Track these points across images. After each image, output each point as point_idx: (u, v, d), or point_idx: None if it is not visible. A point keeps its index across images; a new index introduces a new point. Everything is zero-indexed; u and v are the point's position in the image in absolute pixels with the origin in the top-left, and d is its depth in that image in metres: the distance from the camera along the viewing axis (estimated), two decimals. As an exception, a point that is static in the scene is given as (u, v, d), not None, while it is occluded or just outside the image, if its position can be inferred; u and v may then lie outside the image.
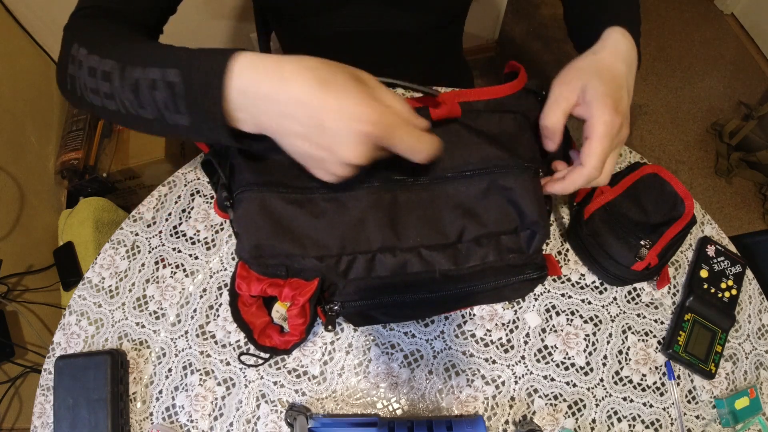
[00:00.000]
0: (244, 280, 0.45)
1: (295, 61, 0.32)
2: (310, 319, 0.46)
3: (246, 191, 0.43)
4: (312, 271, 0.44)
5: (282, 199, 0.42)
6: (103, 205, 1.11)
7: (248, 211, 0.43)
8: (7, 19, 1.15)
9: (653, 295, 0.62)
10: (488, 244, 0.44)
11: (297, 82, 0.31)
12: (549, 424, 0.55)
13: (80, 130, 1.22)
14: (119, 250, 0.62)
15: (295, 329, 0.47)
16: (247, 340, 0.54)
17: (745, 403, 0.56)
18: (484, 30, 1.67)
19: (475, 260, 0.44)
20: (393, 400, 0.56)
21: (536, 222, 0.44)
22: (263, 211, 0.42)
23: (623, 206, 0.59)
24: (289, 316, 0.46)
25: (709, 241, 0.63)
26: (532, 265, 0.47)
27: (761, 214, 1.55)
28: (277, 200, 0.42)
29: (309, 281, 0.44)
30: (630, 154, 0.70)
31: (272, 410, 0.55)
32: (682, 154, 1.64)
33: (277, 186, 0.43)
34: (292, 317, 0.45)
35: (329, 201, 0.43)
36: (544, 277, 0.48)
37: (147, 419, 0.55)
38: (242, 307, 0.52)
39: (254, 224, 0.42)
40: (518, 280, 0.46)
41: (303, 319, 0.46)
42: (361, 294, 0.45)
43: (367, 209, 0.43)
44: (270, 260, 0.44)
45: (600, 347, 0.59)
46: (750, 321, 0.62)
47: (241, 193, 0.43)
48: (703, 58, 1.80)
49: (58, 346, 0.58)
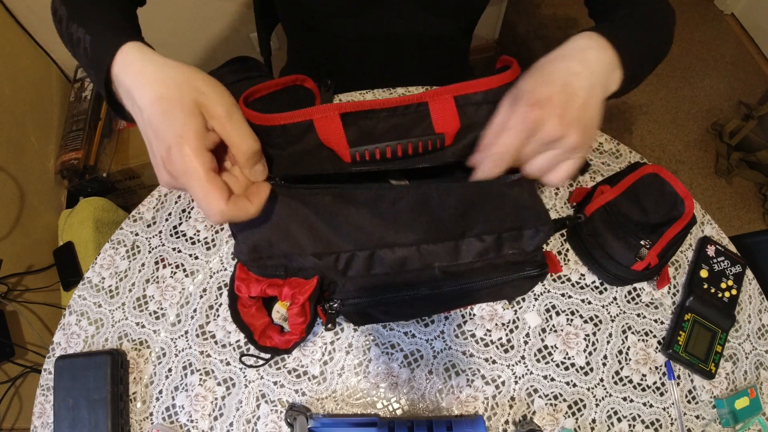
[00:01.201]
0: (243, 282, 0.45)
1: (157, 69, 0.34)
2: (311, 317, 0.46)
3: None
4: (311, 270, 0.44)
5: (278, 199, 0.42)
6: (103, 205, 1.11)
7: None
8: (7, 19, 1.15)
9: (653, 295, 0.62)
10: (488, 241, 0.44)
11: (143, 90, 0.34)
12: (549, 424, 0.55)
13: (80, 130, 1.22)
14: (119, 250, 0.62)
15: (296, 328, 0.47)
16: (248, 341, 0.54)
17: (745, 403, 0.56)
18: (484, 30, 1.67)
19: (475, 257, 0.44)
20: (393, 400, 0.56)
21: (539, 220, 0.44)
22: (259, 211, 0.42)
23: (623, 206, 0.59)
24: (289, 316, 0.46)
25: (709, 241, 0.63)
26: (532, 262, 0.47)
27: (761, 214, 1.55)
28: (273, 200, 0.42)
29: (308, 280, 0.44)
30: (630, 154, 0.70)
31: (272, 410, 0.55)
32: (682, 154, 1.64)
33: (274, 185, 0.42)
34: (293, 316, 0.45)
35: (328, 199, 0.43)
36: (544, 274, 0.48)
37: (147, 419, 0.55)
38: (242, 308, 0.52)
39: (250, 225, 0.42)
40: (518, 277, 0.46)
41: (303, 318, 0.46)
42: (360, 292, 0.45)
43: (366, 206, 0.42)
44: (268, 261, 0.44)
45: (600, 347, 0.59)
46: (750, 321, 0.62)
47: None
48: (703, 58, 1.80)
49: (58, 346, 0.58)
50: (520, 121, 0.36)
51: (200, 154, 0.32)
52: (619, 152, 0.70)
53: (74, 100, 1.28)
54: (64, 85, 1.34)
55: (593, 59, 0.39)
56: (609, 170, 0.68)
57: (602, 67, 0.39)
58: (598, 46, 0.40)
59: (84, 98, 1.27)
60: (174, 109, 0.32)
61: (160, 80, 0.33)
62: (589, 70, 0.38)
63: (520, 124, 0.36)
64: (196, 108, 0.33)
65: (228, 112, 0.34)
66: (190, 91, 0.33)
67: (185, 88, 0.33)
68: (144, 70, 0.34)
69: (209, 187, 0.32)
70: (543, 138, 0.37)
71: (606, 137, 0.71)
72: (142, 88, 0.34)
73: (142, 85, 0.34)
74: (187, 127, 0.32)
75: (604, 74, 0.39)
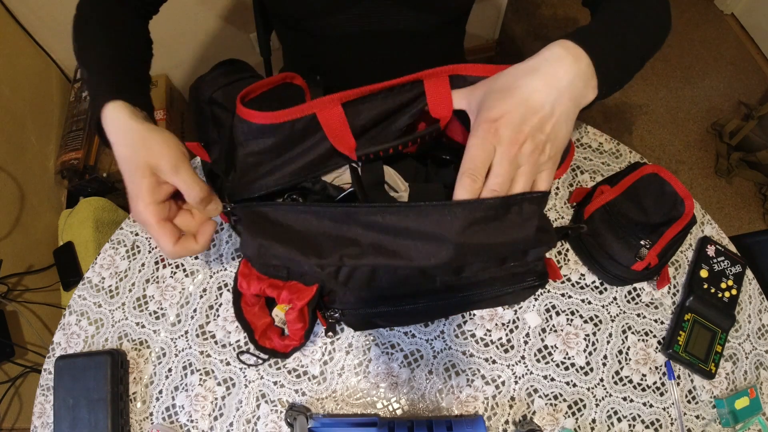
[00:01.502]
0: (245, 277, 0.45)
1: (126, 132, 0.41)
2: (309, 324, 0.46)
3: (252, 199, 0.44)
4: (312, 277, 0.44)
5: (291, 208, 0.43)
6: (103, 205, 1.11)
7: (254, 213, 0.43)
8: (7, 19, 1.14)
9: (653, 295, 0.62)
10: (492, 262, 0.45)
11: (115, 148, 0.42)
12: (549, 424, 0.55)
13: (80, 130, 1.22)
14: (119, 250, 0.62)
15: (295, 334, 0.47)
16: (248, 340, 0.54)
17: (745, 403, 0.56)
18: (484, 30, 1.67)
19: (477, 272, 0.44)
20: (393, 400, 0.56)
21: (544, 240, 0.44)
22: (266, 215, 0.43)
23: (623, 206, 0.59)
24: (287, 320, 0.46)
25: (709, 241, 0.63)
26: (533, 272, 0.47)
27: (761, 214, 1.55)
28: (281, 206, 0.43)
29: (308, 286, 0.44)
30: (630, 154, 0.70)
31: (272, 410, 0.55)
32: (682, 154, 1.64)
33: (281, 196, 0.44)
34: (291, 321, 0.46)
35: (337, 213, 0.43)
36: (544, 284, 0.48)
37: (147, 419, 0.55)
38: (245, 306, 0.52)
39: (258, 225, 0.43)
40: (519, 288, 0.46)
41: (302, 324, 0.46)
42: (360, 303, 0.45)
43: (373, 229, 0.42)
44: (272, 260, 0.44)
45: (600, 347, 0.59)
46: (750, 321, 0.62)
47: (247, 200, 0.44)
48: (703, 58, 1.80)
49: (58, 346, 0.58)
50: (480, 137, 0.37)
51: (151, 208, 0.39)
52: (619, 152, 0.70)
53: (74, 100, 1.28)
54: (64, 85, 1.34)
55: (562, 72, 0.38)
56: (609, 170, 0.69)
57: (572, 79, 0.38)
58: (572, 56, 0.39)
59: (84, 98, 1.26)
60: (131, 169, 0.39)
61: (125, 143, 0.41)
62: (553, 86, 0.38)
63: (479, 139, 0.37)
64: (147, 169, 0.39)
65: (174, 167, 0.39)
66: (144, 153, 0.39)
67: (141, 151, 0.40)
68: (117, 131, 0.42)
69: (160, 233, 0.40)
70: (506, 153, 0.37)
71: (606, 137, 0.71)
72: (115, 146, 0.41)
73: (115, 143, 0.41)
74: (141, 186, 0.39)
75: (575, 86, 0.39)
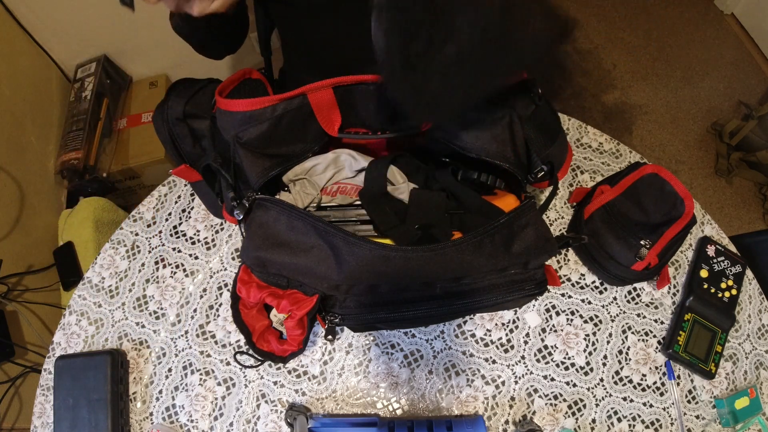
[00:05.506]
0: (245, 285, 0.46)
1: None
2: (308, 331, 0.46)
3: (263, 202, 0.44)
4: (312, 288, 0.44)
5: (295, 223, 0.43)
6: (103, 205, 1.10)
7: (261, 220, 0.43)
8: (7, 19, 1.14)
9: (653, 295, 0.62)
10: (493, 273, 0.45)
11: None
12: (549, 424, 0.55)
13: (80, 130, 1.21)
14: (119, 250, 0.62)
15: (294, 339, 0.47)
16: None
17: (745, 403, 0.56)
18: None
19: (477, 277, 0.44)
20: (393, 400, 0.56)
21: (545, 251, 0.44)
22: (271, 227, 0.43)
23: (623, 206, 0.59)
24: (286, 327, 0.46)
25: (709, 241, 0.63)
26: (532, 280, 0.47)
27: (761, 214, 1.55)
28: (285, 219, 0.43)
29: (308, 296, 0.44)
30: (630, 154, 0.70)
31: (272, 410, 0.55)
32: (682, 154, 1.64)
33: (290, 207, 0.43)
34: (290, 328, 0.46)
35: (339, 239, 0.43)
36: (543, 291, 0.48)
37: (147, 419, 0.55)
38: (243, 309, 0.52)
39: (262, 235, 0.43)
40: (519, 296, 0.47)
41: (301, 331, 0.46)
42: (360, 309, 0.45)
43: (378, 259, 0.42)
44: (272, 269, 0.44)
45: (600, 347, 0.59)
46: (750, 321, 0.62)
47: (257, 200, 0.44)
48: (703, 58, 1.80)
49: (58, 346, 0.58)
50: None
51: None
52: (619, 152, 0.70)
53: (74, 100, 1.27)
54: (64, 85, 1.33)
55: None
56: (609, 170, 0.68)
57: None
58: None
59: (84, 98, 1.26)
60: None
61: None
62: None
63: None
64: None
65: None
66: None
67: None
68: None
69: None
70: None
71: (606, 137, 0.71)
72: None
73: None
74: None
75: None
